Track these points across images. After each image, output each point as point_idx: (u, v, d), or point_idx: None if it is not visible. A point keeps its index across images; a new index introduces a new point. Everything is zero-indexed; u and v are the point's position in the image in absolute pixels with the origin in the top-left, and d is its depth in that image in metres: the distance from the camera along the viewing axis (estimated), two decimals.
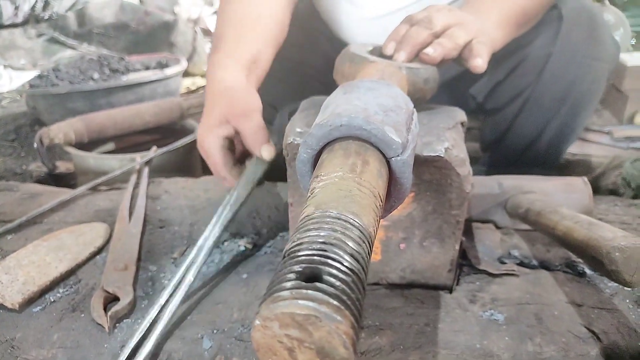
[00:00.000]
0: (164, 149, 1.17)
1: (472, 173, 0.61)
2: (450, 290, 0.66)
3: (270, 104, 1.17)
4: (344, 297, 0.29)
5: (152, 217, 0.91)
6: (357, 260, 0.33)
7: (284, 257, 0.33)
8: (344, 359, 0.29)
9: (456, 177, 0.59)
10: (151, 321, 0.64)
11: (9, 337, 0.65)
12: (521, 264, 0.70)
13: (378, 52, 0.72)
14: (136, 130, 1.36)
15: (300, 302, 0.28)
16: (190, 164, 1.32)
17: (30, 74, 2.29)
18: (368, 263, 0.35)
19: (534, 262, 0.70)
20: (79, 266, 0.77)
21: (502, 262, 0.69)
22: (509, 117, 1.10)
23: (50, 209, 0.93)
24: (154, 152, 1.14)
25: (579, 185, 0.75)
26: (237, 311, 0.67)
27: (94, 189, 1.02)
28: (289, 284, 0.29)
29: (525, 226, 0.75)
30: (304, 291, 0.28)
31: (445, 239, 0.64)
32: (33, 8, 2.82)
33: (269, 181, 1.03)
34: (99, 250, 0.81)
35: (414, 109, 0.51)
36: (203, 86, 2.28)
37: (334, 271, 0.30)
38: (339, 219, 0.34)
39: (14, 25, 2.83)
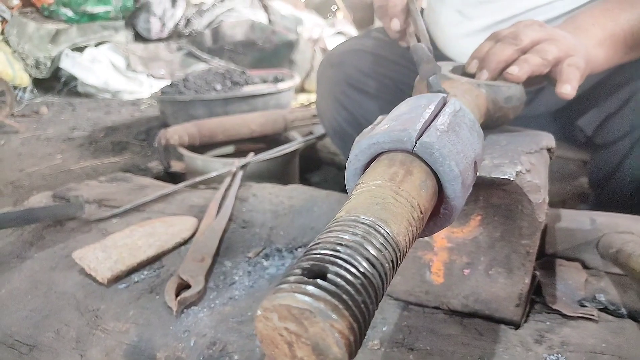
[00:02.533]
0: (260, 156, 1.23)
1: (547, 201, 0.56)
2: (516, 327, 0.61)
3: (364, 118, 1.18)
4: (345, 297, 0.29)
5: (237, 217, 0.96)
6: (374, 266, 0.32)
7: (302, 254, 0.34)
8: (337, 358, 0.28)
9: (528, 203, 0.55)
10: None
11: (95, 307, 0.73)
12: (605, 309, 0.62)
13: (460, 71, 0.70)
14: (243, 137, 1.45)
15: (297, 295, 0.28)
16: (287, 174, 1.37)
17: (167, 83, 2.55)
18: (391, 271, 0.34)
19: (622, 311, 0.62)
20: (164, 253, 0.84)
21: (583, 306, 0.63)
22: (620, 154, 0.99)
23: (152, 200, 1.02)
24: (250, 157, 1.20)
25: None
26: None
27: (193, 186, 1.11)
28: (292, 278, 0.30)
29: (619, 270, 0.68)
30: (303, 286, 0.29)
31: (513, 269, 0.59)
32: (177, 25, 3.14)
33: None
34: (185, 242, 0.88)
35: (478, 125, 0.49)
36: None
37: (341, 271, 0.30)
38: (363, 223, 0.34)
39: (159, 40, 3.18)
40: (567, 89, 0.64)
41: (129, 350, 0.66)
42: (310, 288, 0.28)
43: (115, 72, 2.92)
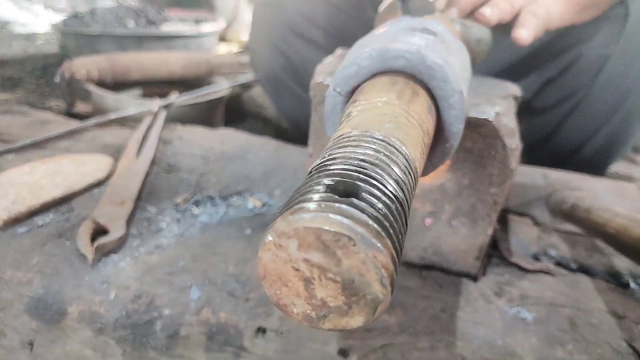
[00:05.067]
0: (185, 96, 1.11)
1: (520, 148, 0.53)
2: (474, 280, 0.58)
3: (304, 68, 1.10)
4: (386, 223, 0.22)
5: (161, 160, 0.85)
6: (402, 190, 0.26)
7: (310, 173, 0.26)
8: (377, 300, 0.22)
9: (502, 148, 0.52)
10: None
11: None
12: (558, 264, 0.61)
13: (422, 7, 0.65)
14: (162, 78, 1.30)
15: (332, 215, 0.21)
16: (211, 123, 1.26)
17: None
18: (411, 201, 0.28)
19: (572, 265, 0.62)
20: (74, 195, 0.72)
21: (537, 260, 0.61)
22: (556, 118, 1.01)
23: (56, 136, 0.88)
24: (174, 97, 1.08)
25: (633, 191, 0.67)
26: (233, 265, 0.60)
27: (105, 124, 0.97)
28: (316, 196, 0.22)
29: (567, 227, 0.67)
30: (337, 205, 0.21)
31: (478, 220, 0.56)
32: None
33: (289, 142, 0.97)
34: (99, 183, 0.76)
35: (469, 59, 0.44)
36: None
37: (376, 191, 0.23)
38: (382, 141, 0.28)
39: None
40: (523, 33, 0.61)
41: (32, 304, 0.55)
42: (346, 208, 0.21)
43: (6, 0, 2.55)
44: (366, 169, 0.24)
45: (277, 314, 0.53)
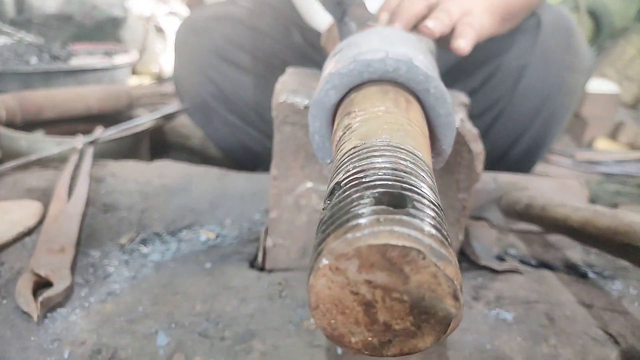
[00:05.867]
0: (112, 130, 1.04)
1: (483, 153, 0.54)
2: None
3: (234, 93, 1.08)
4: (445, 232, 0.21)
5: (95, 200, 0.78)
6: (436, 196, 0.25)
7: (336, 189, 0.24)
8: (450, 315, 0.20)
9: (468, 154, 0.53)
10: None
11: None
12: (521, 262, 0.63)
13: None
14: (79, 114, 1.21)
15: (397, 229, 0.19)
16: (138, 156, 1.18)
17: None
18: None
19: (533, 262, 0.64)
20: (3, 247, 0.64)
21: (502, 260, 0.63)
22: (482, 127, 1.06)
23: None
24: (99, 133, 1.00)
25: (576, 187, 0.71)
26: (200, 303, 0.56)
27: (25, 167, 0.88)
28: (367, 210, 0.20)
29: (520, 227, 0.70)
30: (397, 217, 0.20)
31: (448, 226, 0.56)
32: None
33: (233, 169, 0.93)
34: (29, 232, 0.68)
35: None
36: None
37: (423, 199, 0.22)
38: (403, 149, 0.26)
39: None
40: (462, 43, 0.64)
41: None
42: (410, 220, 0.20)
43: None
44: (404, 178, 0.23)
45: (258, 349, 0.50)
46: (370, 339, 0.21)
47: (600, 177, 1.32)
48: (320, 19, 1.05)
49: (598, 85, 1.52)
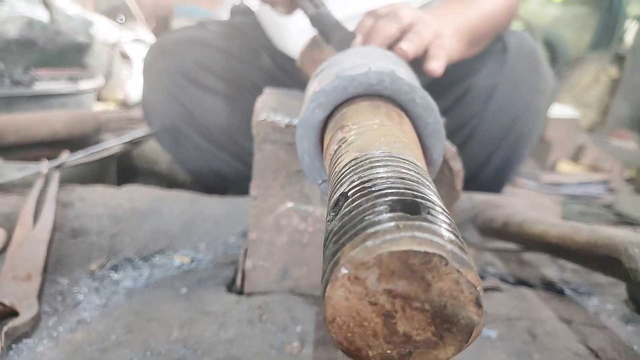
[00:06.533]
0: (78, 154, 1.01)
1: (462, 171, 0.55)
2: None
3: (202, 116, 1.07)
4: (461, 239, 0.20)
5: (63, 225, 0.75)
6: (443, 203, 0.24)
7: (341, 199, 0.24)
8: (472, 323, 0.19)
9: (448, 171, 0.53)
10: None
11: None
12: (500, 280, 0.64)
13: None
14: (44, 139, 1.17)
15: (418, 234, 0.18)
16: (104, 181, 1.15)
17: None
18: None
19: (510, 280, 0.64)
20: None
21: (482, 278, 0.63)
22: (455, 145, 1.08)
23: None
24: (65, 157, 0.97)
25: (548, 204, 0.72)
26: (177, 329, 0.54)
27: None
28: (386, 216, 0.20)
29: (495, 245, 0.70)
30: (418, 223, 0.19)
31: None
32: None
33: (206, 193, 0.92)
34: None
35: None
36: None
37: (435, 206, 0.21)
38: (404, 159, 0.26)
39: None
40: (434, 65, 0.65)
41: None
42: (429, 226, 0.19)
43: None
44: (413, 187, 0.23)
45: None
46: (389, 351, 0.20)
47: (564, 198, 1.36)
48: (290, 42, 1.06)
49: (559, 110, 1.58)
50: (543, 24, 2.95)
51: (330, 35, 0.59)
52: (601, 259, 0.48)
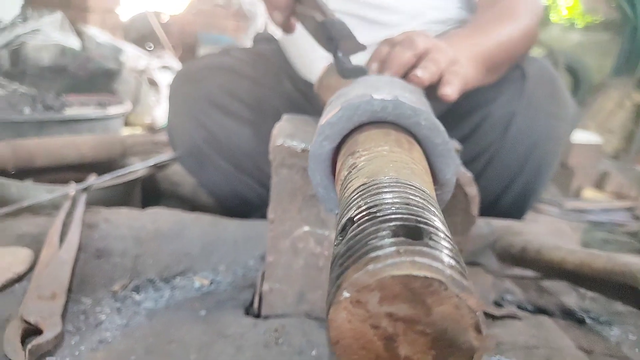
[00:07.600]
0: (105, 177, 1.04)
1: (478, 196, 0.55)
2: None
3: (226, 140, 1.09)
4: (463, 264, 0.21)
5: (88, 246, 0.77)
6: (447, 229, 0.25)
7: (348, 224, 0.25)
8: (473, 348, 0.20)
9: (463, 197, 0.54)
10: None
11: None
12: (518, 308, 0.63)
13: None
14: (72, 162, 1.21)
15: (418, 259, 0.19)
16: (129, 203, 1.18)
17: None
18: None
19: (529, 308, 0.64)
20: None
21: (500, 305, 0.63)
22: (473, 173, 1.08)
23: None
24: (92, 179, 1.00)
25: (568, 231, 0.72)
26: (195, 352, 0.55)
27: (16, 213, 0.87)
28: (387, 241, 0.21)
29: (515, 272, 0.70)
30: (418, 248, 0.20)
31: None
32: None
33: (228, 216, 0.93)
34: (19, 278, 0.66)
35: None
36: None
37: (438, 232, 0.22)
38: (411, 185, 0.27)
39: None
40: (448, 90, 0.66)
41: None
42: (430, 251, 0.20)
43: None
44: (417, 212, 0.24)
45: None
46: None
47: (588, 225, 1.34)
48: (313, 69, 1.08)
49: (582, 137, 1.57)
50: (565, 50, 2.94)
51: (339, 44, 0.60)
52: (617, 287, 0.48)
